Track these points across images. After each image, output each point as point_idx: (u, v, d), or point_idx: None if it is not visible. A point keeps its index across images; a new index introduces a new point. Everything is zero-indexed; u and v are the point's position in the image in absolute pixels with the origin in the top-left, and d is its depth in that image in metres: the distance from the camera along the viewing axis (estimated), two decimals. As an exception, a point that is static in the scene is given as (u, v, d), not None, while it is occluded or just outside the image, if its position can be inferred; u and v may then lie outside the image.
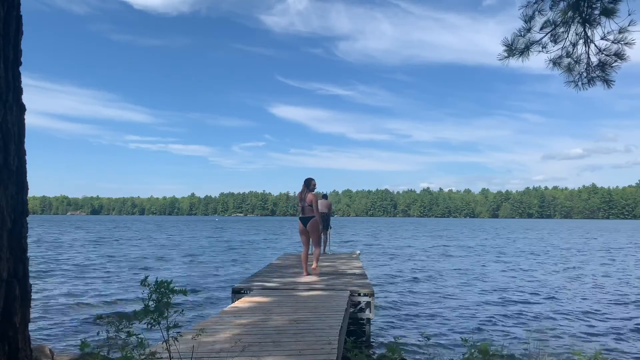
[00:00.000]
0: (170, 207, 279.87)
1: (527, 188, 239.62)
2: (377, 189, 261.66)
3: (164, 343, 3.13)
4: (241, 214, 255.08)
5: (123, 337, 2.99)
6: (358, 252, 13.80)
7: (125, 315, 3.01)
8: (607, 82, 5.46)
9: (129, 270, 15.78)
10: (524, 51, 5.39)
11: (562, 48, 5.43)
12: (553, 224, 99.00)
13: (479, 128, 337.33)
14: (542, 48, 5.41)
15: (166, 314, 2.93)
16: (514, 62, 5.44)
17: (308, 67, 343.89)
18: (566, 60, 5.51)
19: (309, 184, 8.53)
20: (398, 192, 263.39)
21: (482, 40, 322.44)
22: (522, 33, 5.37)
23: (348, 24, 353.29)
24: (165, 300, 2.88)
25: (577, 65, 5.49)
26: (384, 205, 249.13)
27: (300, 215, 8.52)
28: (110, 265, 17.08)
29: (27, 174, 1.97)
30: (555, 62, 5.53)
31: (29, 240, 2.01)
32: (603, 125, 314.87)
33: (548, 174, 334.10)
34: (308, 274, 8.42)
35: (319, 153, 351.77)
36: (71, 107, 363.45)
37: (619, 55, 5.23)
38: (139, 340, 3.03)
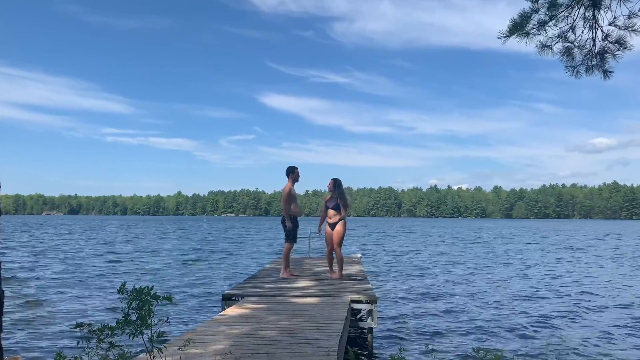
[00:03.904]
0: (155, 207, 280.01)
1: (544, 186, 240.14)
2: (380, 187, 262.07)
3: (148, 355, 3.13)
4: (232, 214, 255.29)
5: (104, 347, 2.99)
6: (359, 255, 13.81)
7: (106, 325, 3.01)
8: (605, 72, 5.44)
9: (113, 275, 15.79)
10: (528, 32, 5.37)
11: (566, 32, 5.41)
12: (580, 225, 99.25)
13: (490, 120, 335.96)
14: (544, 31, 5.39)
15: (149, 322, 2.93)
16: (526, 47, 5.45)
17: (301, 51, 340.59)
18: (566, 45, 5.49)
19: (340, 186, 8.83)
20: (403, 190, 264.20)
21: (492, 22, 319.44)
22: (528, 13, 5.36)
23: (344, 2, 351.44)
24: (147, 308, 2.88)
25: (579, 52, 5.47)
26: (387, 204, 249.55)
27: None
28: (93, 270, 17.07)
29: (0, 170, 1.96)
30: (552, 47, 5.51)
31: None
32: (626, 117, 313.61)
33: (570, 170, 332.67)
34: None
35: (314, 147, 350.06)
36: (43, 96, 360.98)
37: (621, 43, 5.18)
38: (121, 352, 3.03)
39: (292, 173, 8.93)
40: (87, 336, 2.96)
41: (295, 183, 8.98)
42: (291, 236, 8.75)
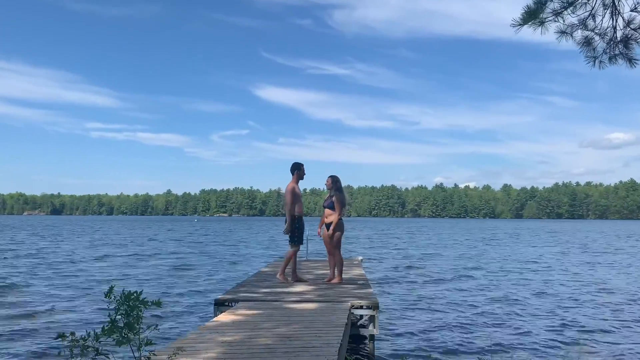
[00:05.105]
0: (143, 206, 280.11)
1: (556, 184, 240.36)
2: (382, 185, 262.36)
3: (136, 363, 3.13)
4: (225, 214, 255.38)
5: (90, 356, 2.99)
6: (360, 258, 13.83)
7: (92, 332, 3.01)
8: (631, 60, 5.45)
9: (97, 278, 15.79)
10: (543, 20, 5.35)
11: (584, 19, 5.41)
12: (599, 226, 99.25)
13: (499, 114, 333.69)
14: (561, 19, 5.38)
15: (137, 330, 2.93)
16: (533, 35, 5.43)
17: (298, 41, 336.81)
18: (586, 33, 5.50)
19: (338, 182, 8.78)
20: (406, 189, 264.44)
21: (501, 10, 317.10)
22: (543, 0, 5.34)
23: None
24: (136, 313, 2.88)
25: (600, 40, 5.48)
26: (390, 203, 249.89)
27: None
28: (79, 275, 17.06)
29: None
30: (568, 33, 5.50)
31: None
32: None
33: (584, 167, 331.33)
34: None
35: (312, 143, 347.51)
36: (23, 89, 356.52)
37: None
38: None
39: (298, 170, 8.87)
40: (71, 345, 2.96)
41: (300, 181, 8.93)
42: (296, 238, 8.67)
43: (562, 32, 5.51)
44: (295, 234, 8.67)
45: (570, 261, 23.27)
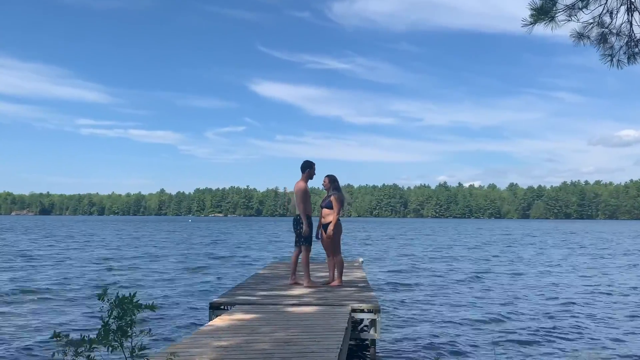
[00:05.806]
0: (135, 206, 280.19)
1: (564, 183, 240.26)
2: (383, 184, 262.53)
3: (129, 369, 3.14)
4: (220, 214, 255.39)
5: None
6: (361, 259, 13.83)
7: (85, 337, 3.02)
8: None
9: (90, 281, 15.79)
10: (554, 17, 5.33)
11: (598, 16, 5.39)
12: (615, 226, 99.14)
13: (504, 110, 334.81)
14: (574, 16, 5.36)
15: (130, 334, 2.94)
16: (543, 30, 5.41)
17: (296, 34, 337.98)
18: (601, 31, 5.47)
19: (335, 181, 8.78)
20: (409, 188, 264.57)
21: (506, 2, 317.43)
22: None
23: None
24: (129, 317, 2.89)
25: (616, 39, 5.46)
26: (392, 203, 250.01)
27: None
28: (67, 276, 17.06)
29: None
30: (586, 35, 5.47)
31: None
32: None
33: (594, 165, 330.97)
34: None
35: (311, 140, 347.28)
36: (11, 84, 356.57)
37: None
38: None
39: (309, 169, 8.81)
40: (64, 349, 2.97)
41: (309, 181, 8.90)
42: (310, 239, 8.62)
43: (580, 35, 5.47)
44: (310, 235, 8.64)
45: (593, 264, 23.28)
